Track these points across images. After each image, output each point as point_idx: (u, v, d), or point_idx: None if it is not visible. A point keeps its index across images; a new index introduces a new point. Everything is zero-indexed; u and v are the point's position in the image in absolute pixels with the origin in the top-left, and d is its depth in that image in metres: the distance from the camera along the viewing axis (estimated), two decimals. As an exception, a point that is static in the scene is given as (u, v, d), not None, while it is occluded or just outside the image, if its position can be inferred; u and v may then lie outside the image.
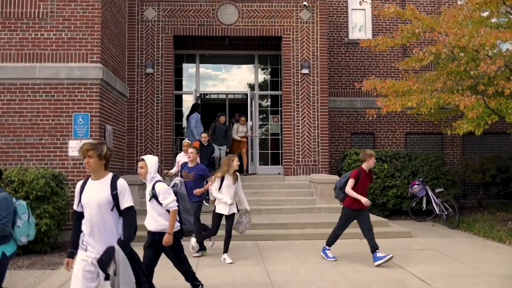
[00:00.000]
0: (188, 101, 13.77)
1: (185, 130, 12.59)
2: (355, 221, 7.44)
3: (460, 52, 10.29)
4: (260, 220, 9.72)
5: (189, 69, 13.96)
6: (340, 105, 14.04)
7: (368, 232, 7.16)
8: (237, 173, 7.39)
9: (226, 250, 7.31)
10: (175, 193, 5.11)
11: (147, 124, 11.96)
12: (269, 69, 14.10)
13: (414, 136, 14.45)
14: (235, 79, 14.33)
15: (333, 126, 13.89)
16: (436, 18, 11.15)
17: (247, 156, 12.70)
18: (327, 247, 7.56)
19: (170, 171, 9.39)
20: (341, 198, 7.40)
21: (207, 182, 7.81)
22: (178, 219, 5.10)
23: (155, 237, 5.09)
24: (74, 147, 9.28)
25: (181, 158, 9.10)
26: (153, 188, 5.00)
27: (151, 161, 5.05)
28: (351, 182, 7.20)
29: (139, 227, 4.48)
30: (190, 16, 12.28)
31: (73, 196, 4.60)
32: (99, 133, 9.40)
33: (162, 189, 4.97)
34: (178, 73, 13.88)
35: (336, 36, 14.29)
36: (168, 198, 4.96)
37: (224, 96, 15.13)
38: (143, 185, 11.11)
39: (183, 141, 9.59)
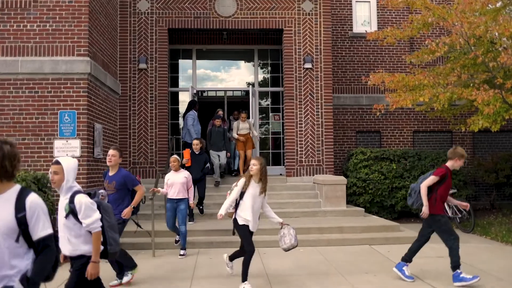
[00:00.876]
0: (184, 99, 13.05)
1: (182, 128, 11.87)
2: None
3: (474, 44, 9.62)
4: (262, 224, 8.98)
5: (185, 65, 13.27)
6: (344, 102, 13.34)
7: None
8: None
9: (245, 278, 5.68)
10: (98, 206, 3.91)
11: (141, 122, 11.26)
12: (270, 65, 13.40)
13: (422, 135, 13.75)
14: (233, 75, 13.64)
15: (337, 124, 13.19)
16: (448, 7, 10.46)
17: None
18: (405, 263, 6.26)
19: (158, 189, 7.86)
20: (418, 205, 6.09)
21: (133, 192, 6.18)
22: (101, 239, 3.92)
23: (71, 263, 3.95)
24: (60, 147, 8.58)
25: (171, 176, 7.74)
26: (71, 201, 3.79)
27: (68, 165, 3.87)
28: (433, 178, 5.97)
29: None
30: (186, 8, 11.58)
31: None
32: (87, 132, 8.70)
33: (84, 203, 3.77)
34: (174, 69, 13.19)
35: (340, 30, 13.59)
36: (91, 216, 3.78)
37: (222, 94, 14.43)
38: (136, 188, 10.41)
39: (171, 157, 7.91)
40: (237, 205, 5.81)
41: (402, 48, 13.74)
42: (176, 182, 7.68)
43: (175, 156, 7.94)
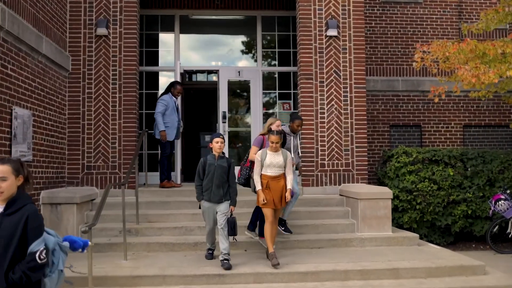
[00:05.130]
0: (168, 81, 9.76)
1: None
2: None
3: None
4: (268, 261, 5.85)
5: (166, 39, 10.07)
6: (374, 87, 10.15)
7: None
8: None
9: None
10: None
11: (99, 110, 8.03)
12: (277, 38, 10.21)
13: (475, 130, 10.58)
14: (229, 51, 10.43)
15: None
16: None
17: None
18: None
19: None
20: None
21: None
22: None
23: None
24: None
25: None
26: None
27: None
28: None
29: None
30: (164, -47, 8.37)
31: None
32: (-3, 120, 5.51)
33: None
34: (151, 43, 9.99)
35: (369, -7, 10.41)
36: None
37: (216, 77, 11.22)
38: (84, 205, 7.20)
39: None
40: None
41: (449, 18, 10.57)
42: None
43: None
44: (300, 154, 7.27)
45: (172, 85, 8.51)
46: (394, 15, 10.45)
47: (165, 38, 10.09)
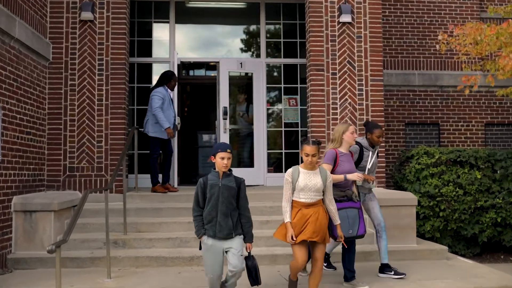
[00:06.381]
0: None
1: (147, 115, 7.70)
2: None
3: None
4: (278, 279, 4.94)
5: (160, 29, 9.17)
6: (388, 81, 9.25)
7: None
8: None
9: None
10: None
11: (83, 105, 7.12)
12: (283, 27, 9.31)
13: (497, 129, 9.68)
14: (230, 42, 9.54)
15: (379, 113, 9.08)
16: None
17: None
18: None
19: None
20: None
21: None
22: None
23: None
24: None
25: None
26: None
27: None
28: None
29: None
30: None
31: None
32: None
33: None
34: (144, 32, 9.08)
35: (382, -21, 9.53)
36: None
37: (214, 73, 10.32)
38: (64, 212, 6.28)
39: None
40: None
41: (469, 7, 9.69)
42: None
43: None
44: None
45: (168, 77, 7.54)
46: (410, 3, 9.55)
47: (160, 28, 9.18)
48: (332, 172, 4.83)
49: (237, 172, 4.49)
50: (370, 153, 5.38)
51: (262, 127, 8.81)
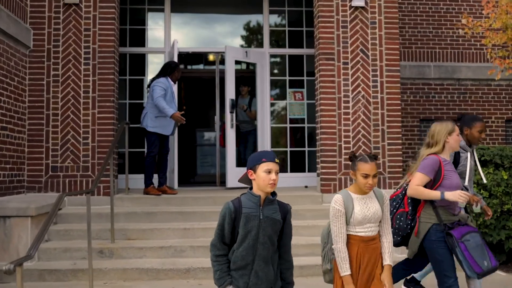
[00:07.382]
0: (157, 66, 8.12)
1: (144, 107, 6.98)
2: None
3: None
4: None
5: (154, 17, 8.47)
6: (402, 74, 8.49)
7: None
8: None
9: None
10: None
11: (68, 98, 6.42)
12: (287, 15, 8.61)
13: (519, 125, 9.02)
14: (230, 33, 8.83)
15: (392, 108, 8.38)
16: None
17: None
18: None
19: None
20: None
21: None
22: None
23: None
24: None
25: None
26: None
27: None
28: None
29: None
30: None
31: None
32: None
33: None
34: (137, 20, 8.38)
35: (394, -37, 8.82)
36: None
37: (213, 66, 9.60)
38: (44, 217, 5.56)
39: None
40: None
41: (488, -7, 8.98)
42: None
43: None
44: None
45: (171, 67, 6.79)
46: (425, -10, 8.87)
47: (154, 16, 8.48)
48: (432, 187, 3.65)
49: (237, 172, 3.77)
50: (468, 154, 4.24)
51: (267, 121, 8.11)
